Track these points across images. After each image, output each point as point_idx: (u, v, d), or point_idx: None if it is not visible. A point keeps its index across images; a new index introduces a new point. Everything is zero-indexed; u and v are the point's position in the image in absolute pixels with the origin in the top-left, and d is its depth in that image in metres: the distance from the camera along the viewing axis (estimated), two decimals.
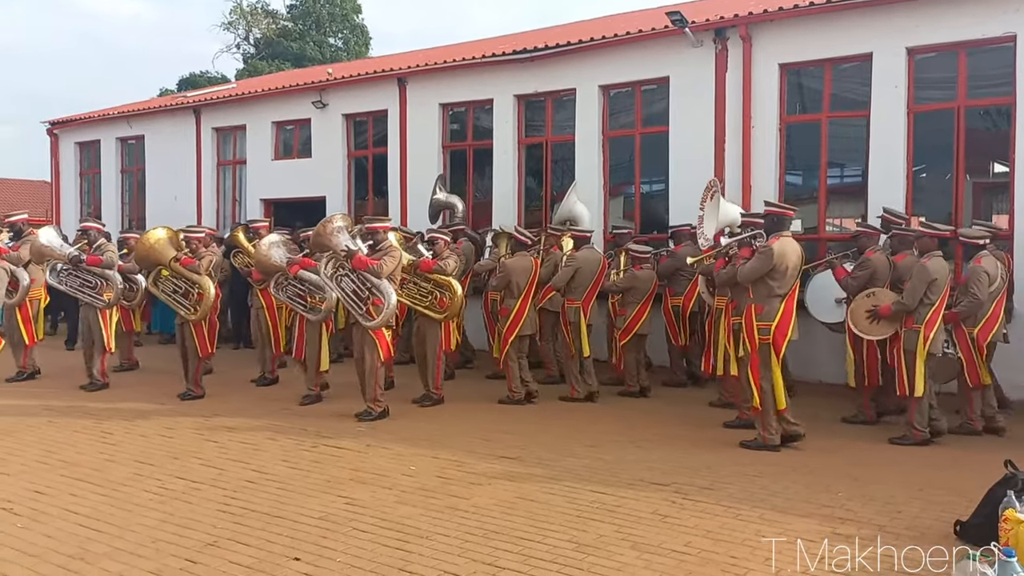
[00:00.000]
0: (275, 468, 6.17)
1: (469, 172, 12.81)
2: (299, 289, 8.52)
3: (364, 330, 7.72)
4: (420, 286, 8.41)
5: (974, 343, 7.15)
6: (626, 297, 8.79)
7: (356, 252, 7.62)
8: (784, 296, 6.59)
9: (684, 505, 5.30)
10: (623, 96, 11.34)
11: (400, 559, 4.40)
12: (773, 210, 6.87)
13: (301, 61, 33.83)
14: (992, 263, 7.19)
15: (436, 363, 8.42)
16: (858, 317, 7.14)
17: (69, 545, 4.60)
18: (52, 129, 18.03)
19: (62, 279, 9.37)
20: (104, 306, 9.28)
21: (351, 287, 7.71)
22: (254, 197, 15.00)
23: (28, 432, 7.26)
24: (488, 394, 8.89)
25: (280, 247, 8.77)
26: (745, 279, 6.64)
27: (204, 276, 8.66)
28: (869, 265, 7.44)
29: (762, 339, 6.58)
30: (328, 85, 13.96)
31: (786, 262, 6.56)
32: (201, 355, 8.78)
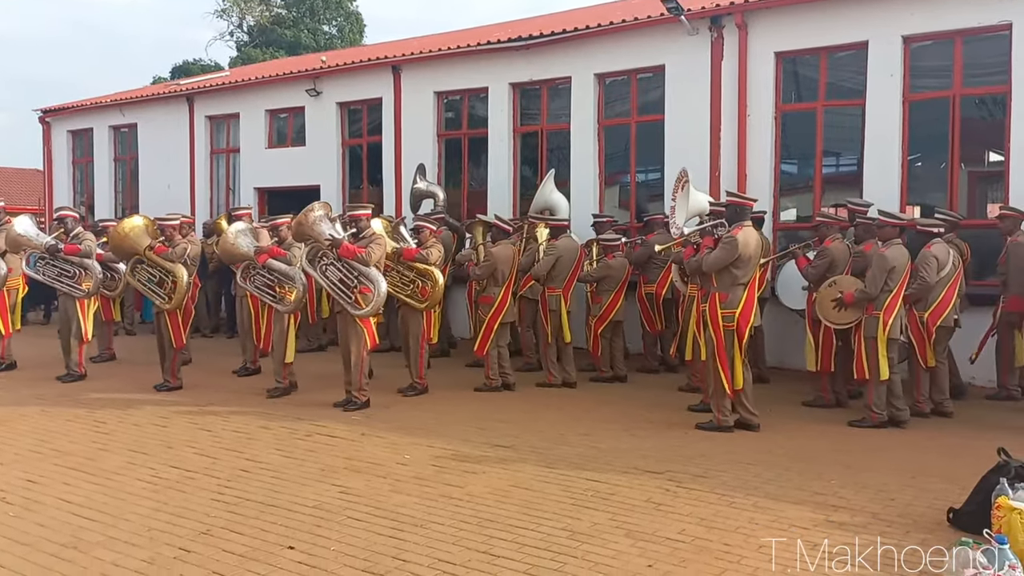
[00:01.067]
0: (269, 457, 6.16)
1: (464, 161, 12.78)
2: (267, 279, 8.31)
3: (350, 319, 7.65)
4: (403, 274, 8.29)
5: (924, 326, 7.38)
6: (600, 285, 8.98)
7: (342, 241, 7.54)
8: (747, 284, 6.85)
9: (678, 493, 5.30)
10: (618, 84, 11.30)
11: (394, 547, 4.40)
12: (735, 200, 7.11)
13: (295, 49, 33.66)
14: (943, 249, 7.38)
15: (419, 352, 8.33)
16: (825, 307, 7.34)
17: (62, 534, 4.60)
18: (44, 117, 17.92)
19: (39, 269, 9.22)
20: (82, 296, 9.13)
21: (337, 276, 7.62)
22: (248, 186, 14.94)
23: (21, 421, 7.24)
24: (470, 382, 8.87)
25: (247, 235, 8.56)
26: (710, 268, 6.86)
27: (177, 264, 8.46)
28: (827, 254, 7.69)
29: (727, 326, 6.81)
30: (322, 73, 13.89)
31: (748, 251, 6.81)
32: (176, 346, 8.61)
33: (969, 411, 7.63)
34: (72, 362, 9.20)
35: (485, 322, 8.60)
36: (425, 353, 8.50)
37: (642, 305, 9.46)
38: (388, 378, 8.92)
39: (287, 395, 8.31)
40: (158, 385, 8.65)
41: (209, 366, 10.02)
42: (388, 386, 8.58)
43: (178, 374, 8.76)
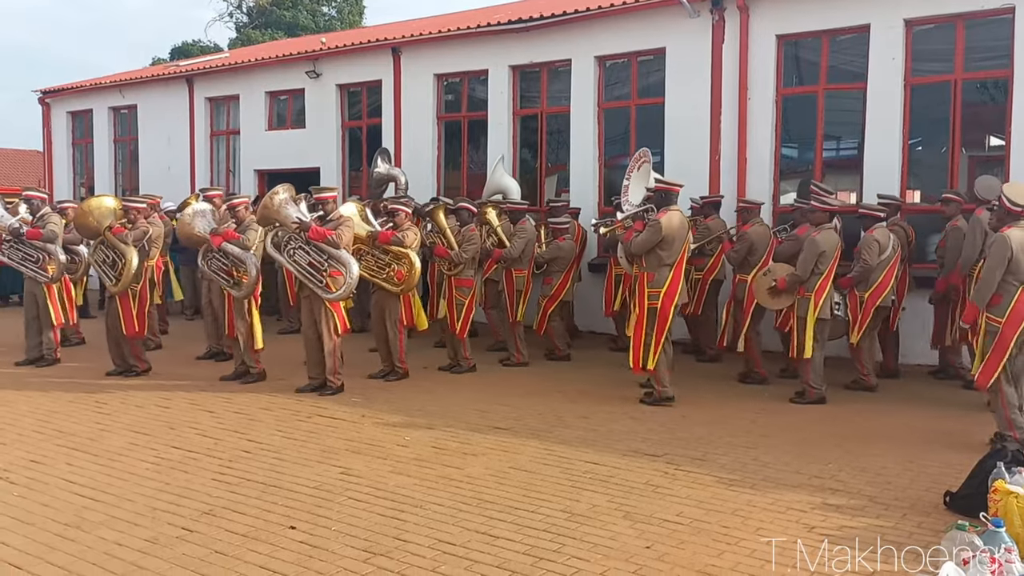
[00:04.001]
0: (270, 438, 6.20)
1: (463, 143, 12.74)
2: (222, 263, 8.04)
3: (320, 303, 7.50)
4: (378, 258, 8.12)
5: (862, 306, 7.69)
6: (551, 267, 9.28)
7: (310, 224, 7.41)
8: (672, 265, 7.18)
9: (676, 476, 5.34)
10: (619, 67, 11.26)
11: (395, 527, 4.44)
12: (661, 186, 7.40)
13: (294, 30, 33.49)
14: (884, 233, 7.68)
15: (398, 337, 8.21)
16: (761, 293, 7.75)
17: (66, 514, 4.63)
18: (44, 98, 17.85)
19: (4, 252, 9.02)
20: (47, 280, 8.82)
21: (306, 259, 7.45)
22: (248, 168, 14.91)
23: (22, 402, 7.27)
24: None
25: (205, 216, 8.33)
26: (637, 250, 7.21)
27: (129, 247, 8.14)
28: (746, 238, 8.30)
29: (651, 304, 7.17)
30: (322, 55, 13.83)
31: (673, 233, 7.10)
32: (127, 333, 8.26)
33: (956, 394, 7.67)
34: (46, 347, 8.95)
35: (465, 304, 8.57)
36: (404, 337, 8.30)
37: (608, 286, 9.86)
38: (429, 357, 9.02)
39: (261, 380, 8.13)
40: (111, 371, 8.41)
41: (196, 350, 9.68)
42: (415, 364, 8.63)
43: (143, 357, 8.55)
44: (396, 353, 8.25)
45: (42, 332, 8.98)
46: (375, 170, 11.94)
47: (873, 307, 7.68)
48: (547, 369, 9.02)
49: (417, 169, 12.58)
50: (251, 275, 7.93)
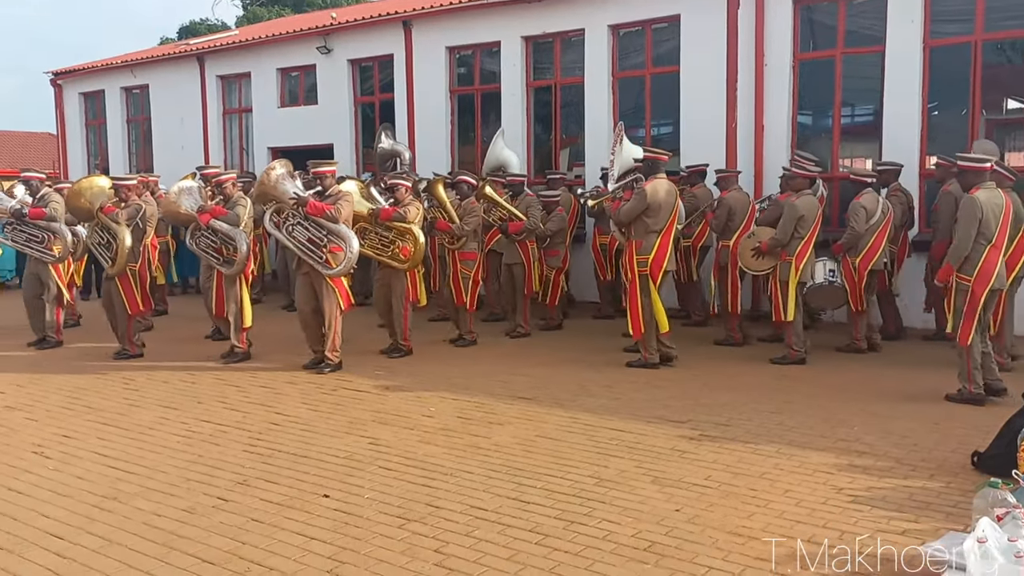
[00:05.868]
0: (297, 411, 6.27)
1: (477, 117, 12.70)
2: (211, 240, 7.92)
3: (321, 279, 7.39)
4: (381, 236, 8.00)
5: (856, 271, 7.84)
6: (555, 239, 9.41)
7: (307, 199, 7.29)
8: (660, 232, 7.35)
9: (702, 441, 5.38)
10: (633, 36, 11.17)
11: (427, 495, 4.50)
12: (649, 155, 7.59)
13: (301, 7, 33.35)
14: (872, 199, 7.87)
15: (403, 314, 8.12)
16: (745, 256, 8.02)
17: (101, 486, 4.71)
18: (56, 80, 17.86)
19: (8, 234, 8.96)
20: (53, 260, 8.75)
21: (305, 235, 7.34)
22: (261, 145, 14.92)
23: (50, 380, 7.36)
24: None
25: (193, 194, 8.19)
26: (624, 218, 7.40)
27: (121, 227, 8.01)
28: (725, 204, 8.58)
29: (640, 271, 7.38)
30: (332, 30, 13.77)
31: (659, 201, 7.27)
32: (131, 312, 8.21)
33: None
34: (49, 327, 8.90)
35: (471, 277, 8.60)
36: (409, 314, 8.21)
37: (595, 255, 10.12)
38: (429, 330, 9.01)
39: (246, 360, 8.03)
40: (116, 353, 8.31)
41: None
42: (426, 338, 8.70)
43: (136, 341, 8.40)
44: (400, 330, 8.17)
45: (46, 313, 8.89)
46: (379, 146, 11.93)
47: (865, 271, 7.85)
48: (550, 339, 9.13)
49: (430, 144, 12.58)
50: (242, 251, 7.81)
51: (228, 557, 3.76)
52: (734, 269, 8.34)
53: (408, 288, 8.13)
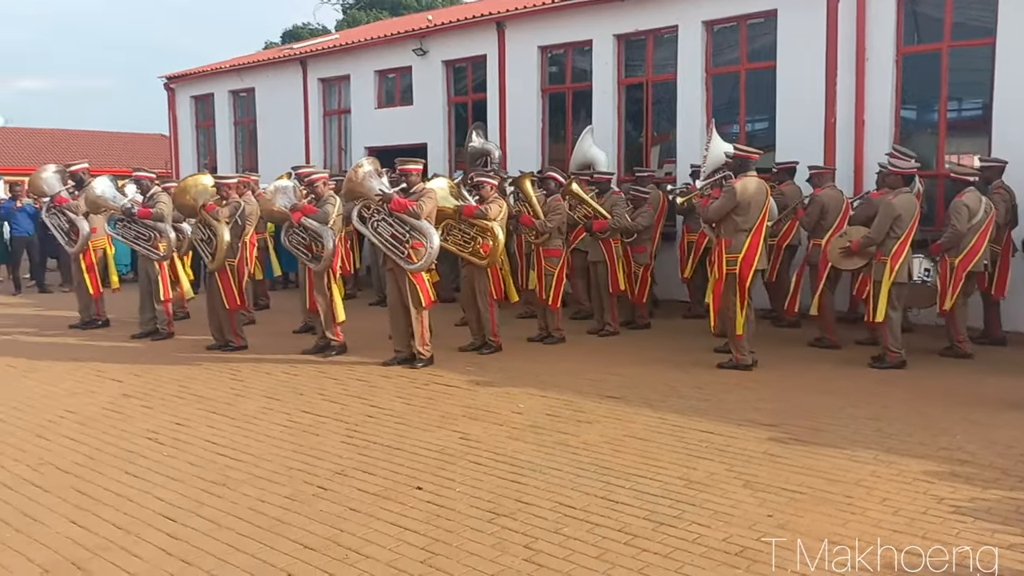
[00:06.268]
0: (392, 404, 6.46)
1: (568, 115, 12.74)
2: (302, 238, 8.18)
3: (404, 275, 7.54)
4: (464, 232, 8.12)
5: (953, 272, 7.60)
6: (642, 235, 9.35)
7: (392, 195, 7.46)
8: (750, 230, 7.26)
9: (795, 446, 5.29)
10: (727, 31, 10.99)
11: (516, 490, 4.59)
12: (740, 153, 7.50)
13: (398, 9, 34.04)
14: (975, 198, 7.59)
15: (489, 310, 8.23)
16: (835, 254, 7.85)
17: (211, 472, 4.98)
18: (169, 84, 18.80)
19: (119, 231, 9.37)
20: (159, 258, 9.15)
21: (389, 231, 7.52)
22: (359, 145, 15.33)
23: (162, 370, 7.78)
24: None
25: (287, 193, 8.47)
26: (712, 216, 7.36)
27: (220, 224, 8.36)
28: (817, 201, 8.41)
29: (729, 269, 7.30)
30: (428, 32, 14.05)
31: (749, 199, 7.19)
32: (228, 306, 8.51)
33: None
34: (160, 321, 9.31)
35: (555, 274, 8.62)
36: (495, 311, 8.33)
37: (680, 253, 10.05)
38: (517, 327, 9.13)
39: (343, 353, 8.28)
40: (213, 345, 8.64)
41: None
42: (513, 335, 8.85)
43: (240, 333, 8.75)
44: (488, 327, 8.27)
45: (155, 307, 9.32)
46: (470, 144, 12.11)
47: (964, 272, 7.57)
48: (638, 338, 9.12)
49: (522, 142, 12.70)
50: (328, 248, 8.03)
51: (327, 544, 3.94)
52: (823, 268, 8.14)
53: (491, 286, 8.23)
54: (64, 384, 7.25)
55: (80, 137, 31.82)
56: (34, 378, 7.49)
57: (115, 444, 5.54)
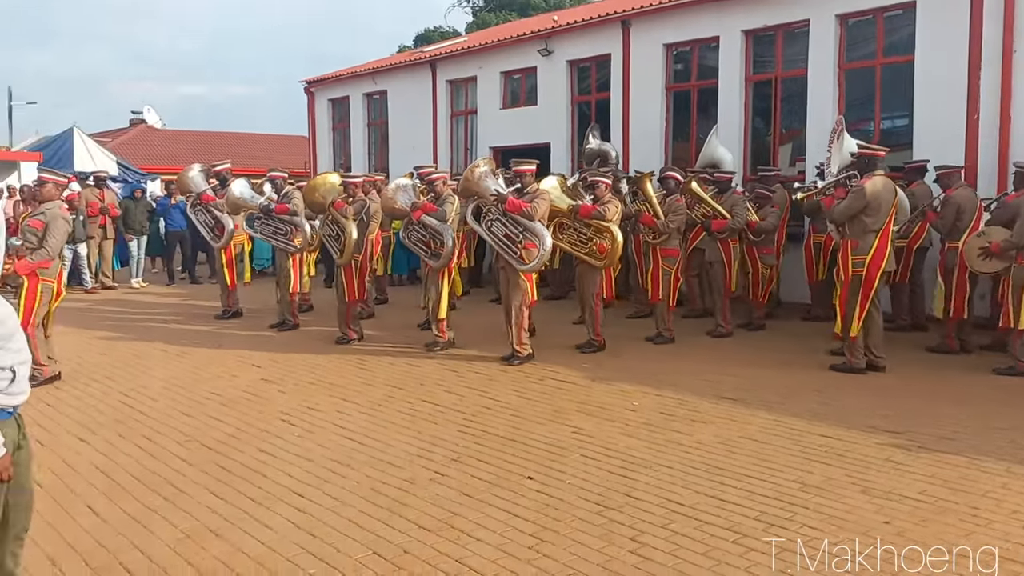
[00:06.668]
0: (507, 397, 6.64)
1: (693, 113, 12.59)
2: (422, 235, 8.36)
3: (514, 273, 7.67)
4: (580, 232, 8.14)
5: None
6: (769, 236, 9.26)
7: (507, 196, 7.55)
8: (879, 231, 7.05)
9: (920, 454, 5.11)
10: (862, 24, 10.59)
11: (625, 485, 4.65)
12: (865, 151, 7.31)
13: (526, 10, 34.40)
14: None
15: (595, 310, 8.21)
16: (971, 255, 7.51)
17: (337, 453, 5.29)
18: (309, 88, 19.80)
19: (257, 227, 9.90)
20: (295, 251, 9.58)
21: (502, 231, 7.63)
22: (484, 145, 15.67)
23: (296, 358, 8.26)
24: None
25: (407, 191, 8.69)
26: (839, 217, 7.22)
27: (348, 221, 8.61)
28: (951, 202, 8.03)
29: (855, 271, 7.13)
30: (553, 32, 14.20)
31: (879, 200, 6.99)
32: (348, 299, 8.77)
33: None
34: (286, 311, 9.70)
35: (672, 274, 8.58)
36: (600, 309, 8.32)
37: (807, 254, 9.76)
38: (628, 327, 9.16)
39: (449, 348, 8.42)
40: (338, 338, 8.86)
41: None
42: (625, 334, 8.88)
43: (355, 326, 8.92)
44: (592, 325, 8.27)
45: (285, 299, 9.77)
46: (586, 145, 12.17)
47: None
48: (755, 340, 8.97)
49: (645, 141, 12.64)
50: (447, 246, 8.23)
51: (442, 526, 4.13)
52: (963, 272, 7.78)
53: (601, 285, 8.25)
54: (210, 368, 7.83)
55: (228, 138, 33.90)
56: (184, 362, 8.12)
57: (253, 424, 5.96)
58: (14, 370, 2.95)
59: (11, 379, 2.95)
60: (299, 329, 9.79)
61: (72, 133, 19.87)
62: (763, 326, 9.49)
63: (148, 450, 5.39)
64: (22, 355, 3.01)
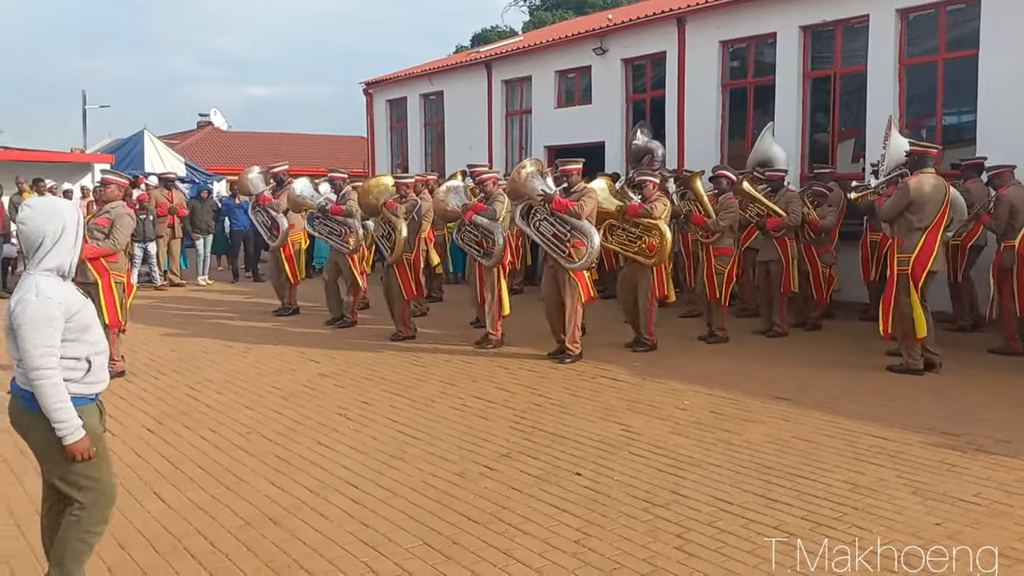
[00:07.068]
0: (558, 394, 6.71)
1: (749, 111, 12.47)
2: (474, 235, 8.48)
3: (564, 272, 7.71)
4: (628, 231, 8.13)
5: None
6: (827, 235, 9.27)
7: (554, 195, 7.58)
8: (925, 229, 6.95)
9: (976, 457, 5.02)
10: (924, 19, 10.36)
11: (673, 483, 4.69)
12: (916, 149, 7.19)
13: (582, 8, 34.38)
14: None
15: (649, 309, 8.19)
16: None
17: (391, 446, 5.44)
18: (367, 89, 20.15)
19: (315, 226, 10.14)
20: (349, 251, 9.76)
21: (550, 230, 7.68)
22: (538, 144, 15.76)
23: (352, 354, 8.46)
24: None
25: (458, 192, 8.77)
26: (885, 215, 7.18)
27: (399, 220, 8.77)
28: (1004, 201, 7.88)
29: (901, 270, 7.04)
30: (608, 31, 14.20)
31: (924, 197, 6.90)
32: (406, 297, 8.95)
33: None
34: (345, 308, 10.01)
35: (725, 273, 8.52)
36: (655, 309, 8.30)
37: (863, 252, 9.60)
38: (680, 326, 9.19)
39: (499, 347, 8.50)
40: (392, 335, 9.05)
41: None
42: (677, 333, 8.88)
43: (410, 323, 9.08)
44: (645, 325, 8.25)
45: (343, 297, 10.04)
46: (633, 143, 12.14)
47: None
48: (810, 340, 8.90)
49: (700, 139, 12.57)
50: (498, 244, 8.29)
51: (491, 519, 4.23)
52: (1022, 271, 7.61)
53: (654, 284, 8.18)
54: (272, 363, 8.08)
55: (290, 139, 34.69)
56: (247, 357, 8.40)
57: (311, 417, 6.15)
58: (89, 360, 3.14)
59: (87, 369, 3.14)
60: (356, 326, 10.01)
61: (143, 136, 20.60)
62: (819, 326, 9.39)
63: (212, 441, 5.61)
64: (99, 346, 3.20)
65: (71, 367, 3.10)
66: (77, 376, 3.11)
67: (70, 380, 3.08)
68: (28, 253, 3.09)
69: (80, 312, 3.10)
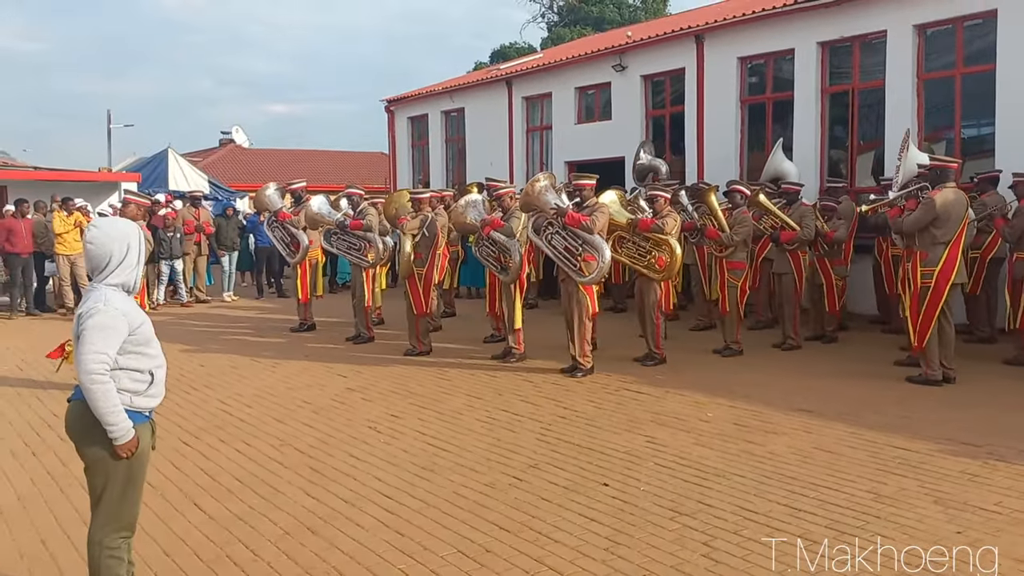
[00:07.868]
0: (583, 407, 6.83)
1: (768, 126, 12.59)
2: (491, 249, 8.61)
3: (575, 285, 7.83)
4: (639, 245, 8.25)
5: None
6: (839, 247, 9.36)
7: (567, 210, 7.71)
8: (948, 243, 7.03)
9: (997, 467, 5.09)
10: (941, 35, 10.45)
11: (698, 493, 4.79)
12: (937, 163, 7.27)
13: (601, 25, 34.60)
14: None
15: (655, 323, 8.28)
16: None
17: (421, 459, 5.57)
18: (389, 106, 20.43)
19: (332, 242, 10.24)
20: (367, 266, 9.91)
21: (562, 244, 7.81)
22: (559, 160, 15.94)
23: (379, 369, 8.62)
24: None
25: (477, 207, 8.87)
26: (909, 228, 7.20)
27: (406, 235, 8.89)
28: (1022, 212, 7.90)
29: (923, 283, 7.12)
30: (627, 48, 14.37)
31: (949, 211, 6.97)
32: (416, 313, 8.99)
33: None
34: (360, 325, 10.06)
35: (738, 286, 8.62)
36: (661, 323, 8.39)
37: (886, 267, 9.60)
38: (692, 339, 9.25)
39: (523, 360, 8.61)
40: (406, 351, 9.14)
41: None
42: (690, 347, 8.97)
43: (424, 339, 9.14)
44: (652, 339, 8.34)
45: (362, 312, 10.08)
46: (637, 161, 12.28)
47: None
48: (827, 351, 8.97)
49: (719, 154, 12.70)
50: (515, 261, 8.42)
51: (521, 528, 4.35)
52: None
53: (660, 298, 8.29)
54: (299, 378, 8.26)
55: (312, 156, 35.09)
56: (276, 372, 8.57)
57: (342, 430, 6.30)
58: (152, 373, 3.31)
59: (149, 382, 3.31)
60: (375, 341, 10.15)
61: (167, 154, 20.96)
62: (836, 338, 9.46)
63: (246, 453, 5.78)
64: (159, 359, 3.36)
65: (136, 379, 3.25)
66: (141, 388, 3.27)
67: (135, 392, 3.24)
68: (94, 272, 3.26)
69: (142, 326, 3.26)
